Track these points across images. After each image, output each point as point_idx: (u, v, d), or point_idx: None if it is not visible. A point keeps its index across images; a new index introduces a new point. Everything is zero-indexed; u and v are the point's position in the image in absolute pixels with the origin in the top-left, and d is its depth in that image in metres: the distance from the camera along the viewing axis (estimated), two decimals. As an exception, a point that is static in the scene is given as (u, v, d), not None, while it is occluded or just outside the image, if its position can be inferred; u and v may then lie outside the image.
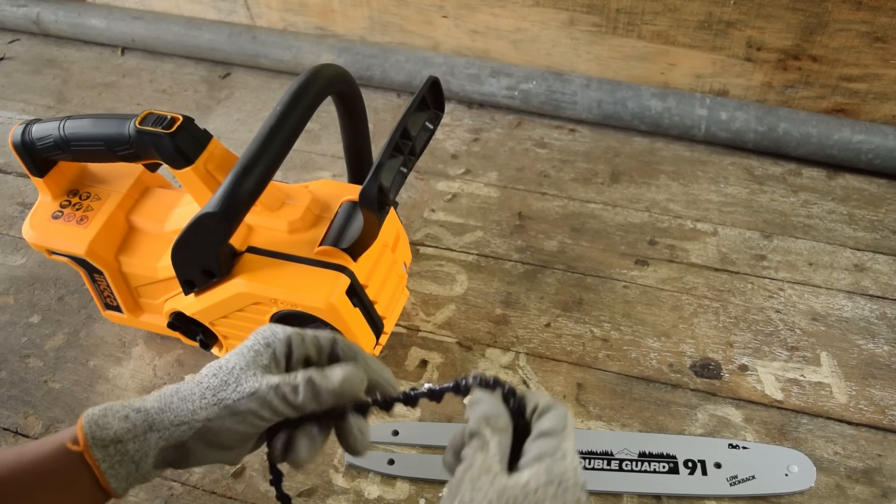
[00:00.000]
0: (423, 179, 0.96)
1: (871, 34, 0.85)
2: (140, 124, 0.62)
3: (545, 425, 0.42)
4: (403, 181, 0.63)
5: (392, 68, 1.06)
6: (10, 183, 1.01)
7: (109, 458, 0.45)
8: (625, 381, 0.73)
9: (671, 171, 0.95)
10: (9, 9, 1.24)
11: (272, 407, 0.45)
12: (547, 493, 0.38)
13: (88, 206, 0.72)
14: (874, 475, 0.65)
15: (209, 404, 0.45)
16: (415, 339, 0.78)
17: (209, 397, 0.46)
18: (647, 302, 0.80)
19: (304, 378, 0.45)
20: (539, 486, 0.38)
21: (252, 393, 0.45)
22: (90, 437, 0.44)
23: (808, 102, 0.94)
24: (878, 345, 0.75)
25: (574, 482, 0.39)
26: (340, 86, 0.64)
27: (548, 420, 0.42)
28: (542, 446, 0.41)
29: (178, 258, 0.64)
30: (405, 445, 0.69)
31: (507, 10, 0.99)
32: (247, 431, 0.46)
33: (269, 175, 0.59)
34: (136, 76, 1.17)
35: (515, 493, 0.38)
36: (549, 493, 0.38)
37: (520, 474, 0.39)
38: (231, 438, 0.46)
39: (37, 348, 0.80)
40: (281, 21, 1.14)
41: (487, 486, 0.39)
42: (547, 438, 0.41)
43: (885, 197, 0.90)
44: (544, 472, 0.39)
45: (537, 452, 0.40)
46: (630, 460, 0.66)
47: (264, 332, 0.49)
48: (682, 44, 0.94)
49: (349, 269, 0.65)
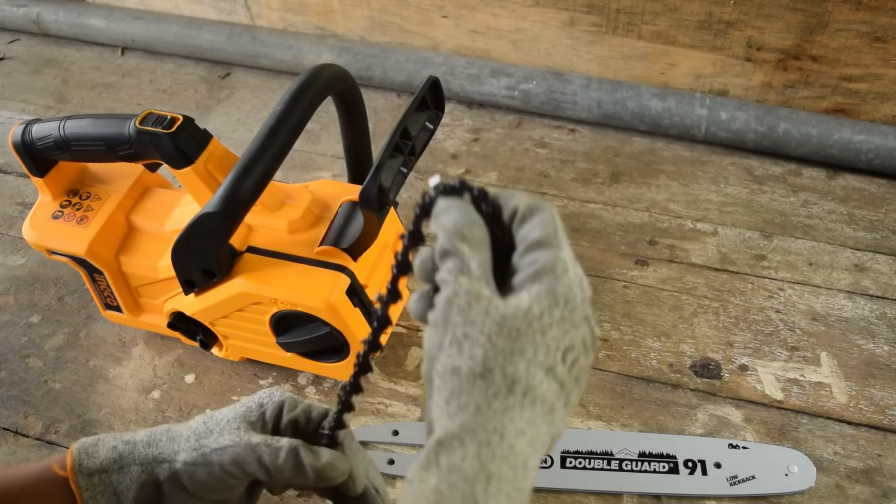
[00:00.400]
0: (423, 179, 0.96)
1: (871, 34, 0.85)
2: (140, 124, 0.62)
3: (534, 234, 0.34)
4: (403, 181, 0.63)
5: (392, 68, 1.06)
6: (10, 183, 1.01)
7: (93, 488, 0.45)
8: (625, 381, 0.73)
9: (671, 171, 0.95)
10: (9, 9, 1.24)
11: (242, 465, 0.45)
12: (553, 317, 0.33)
13: (88, 206, 0.72)
14: (874, 475, 0.65)
15: (190, 448, 0.46)
16: (415, 339, 0.78)
17: (192, 441, 0.46)
18: (647, 302, 0.80)
19: (289, 445, 0.45)
20: (543, 310, 0.33)
21: (228, 446, 0.45)
22: (77, 463, 0.45)
23: (808, 102, 0.94)
24: (878, 345, 0.75)
25: (582, 298, 0.34)
26: (340, 86, 0.64)
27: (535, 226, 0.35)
28: (536, 261, 0.34)
29: (178, 258, 0.64)
30: (405, 445, 0.69)
31: (507, 10, 0.99)
32: (215, 485, 0.45)
33: (269, 175, 0.59)
34: (136, 76, 1.17)
35: (518, 324, 0.32)
36: (556, 316, 0.33)
37: (518, 298, 0.33)
38: (202, 488, 0.46)
39: (37, 348, 0.80)
40: (281, 21, 1.14)
41: (482, 316, 0.32)
42: (539, 251, 0.34)
43: (885, 197, 0.90)
44: (546, 294, 0.33)
45: (533, 270, 0.34)
46: (630, 460, 0.66)
47: (261, 393, 0.49)
48: (682, 44, 0.94)
49: (349, 269, 0.65)
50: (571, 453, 0.67)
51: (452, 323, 0.33)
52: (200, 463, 0.45)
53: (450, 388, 0.32)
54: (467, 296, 0.33)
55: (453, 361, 0.32)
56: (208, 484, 0.45)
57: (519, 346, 0.32)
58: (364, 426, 0.71)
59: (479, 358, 0.32)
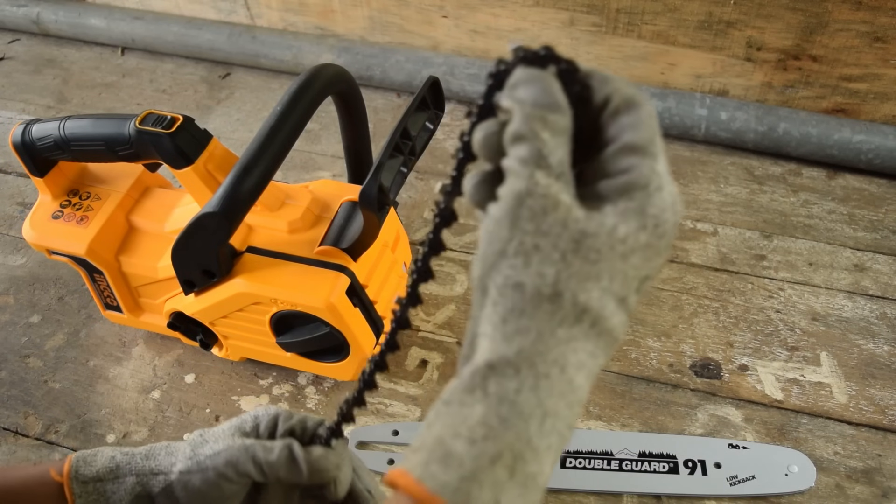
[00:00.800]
0: (423, 179, 0.96)
1: (871, 34, 0.85)
2: (140, 124, 0.62)
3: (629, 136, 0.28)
4: (403, 181, 0.63)
5: (392, 68, 1.06)
6: (10, 183, 1.01)
7: (86, 495, 0.45)
8: (625, 381, 0.73)
9: (671, 170, 0.95)
10: (9, 9, 1.24)
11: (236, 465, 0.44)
12: (638, 242, 0.28)
13: (88, 206, 0.72)
14: (874, 475, 0.65)
15: (186, 458, 0.46)
16: (415, 339, 0.78)
17: (188, 452, 0.46)
18: (647, 302, 0.80)
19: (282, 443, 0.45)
20: (629, 233, 0.28)
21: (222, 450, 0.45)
22: (74, 471, 0.45)
23: (808, 102, 0.94)
24: (878, 345, 0.75)
25: (673, 223, 0.29)
26: (340, 86, 0.64)
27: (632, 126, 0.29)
28: (628, 170, 0.29)
29: (178, 258, 0.64)
30: (405, 445, 0.69)
31: (507, 10, 0.99)
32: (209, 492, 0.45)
33: (269, 175, 0.59)
34: (136, 76, 1.17)
35: (599, 244, 0.28)
36: (642, 241, 0.28)
37: (602, 214, 0.28)
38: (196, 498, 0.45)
39: (37, 348, 0.80)
40: (281, 21, 1.14)
41: (558, 228, 0.28)
42: (633, 157, 0.29)
43: (885, 197, 0.90)
44: (636, 213, 0.28)
45: (623, 182, 0.28)
46: (630, 460, 0.66)
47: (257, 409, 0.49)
48: (682, 44, 0.94)
49: (349, 269, 0.65)
50: (571, 453, 0.67)
51: (521, 228, 0.28)
52: (195, 470, 0.45)
53: (509, 305, 0.28)
54: (543, 198, 0.28)
55: (517, 275, 0.28)
56: (202, 492, 0.45)
57: (595, 270, 0.28)
58: (364, 426, 0.71)
59: (550, 278, 0.28)
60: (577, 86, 0.29)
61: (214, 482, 0.45)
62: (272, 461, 0.44)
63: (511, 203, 0.28)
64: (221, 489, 0.45)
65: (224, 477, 0.45)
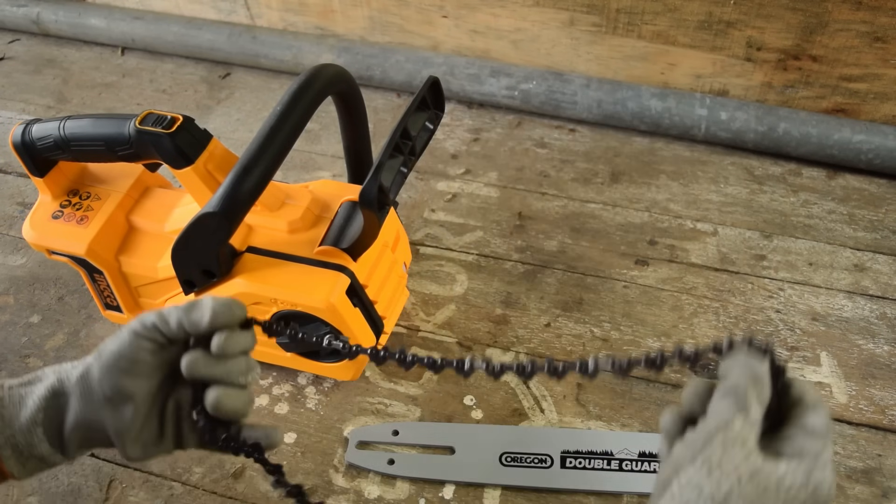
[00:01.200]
0: (423, 179, 0.96)
1: (871, 34, 0.85)
2: (140, 124, 0.62)
3: (813, 422, 0.38)
4: (403, 181, 0.63)
5: (392, 68, 1.06)
6: (10, 183, 1.01)
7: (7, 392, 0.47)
8: (625, 381, 0.73)
9: (671, 171, 0.95)
10: (9, 9, 1.24)
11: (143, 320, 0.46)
12: (799, 497, 0.36)
13: (88, 206, 0.72)
14: (874, 475, 0.65)
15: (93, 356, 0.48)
16: (415, 339, 0.78)
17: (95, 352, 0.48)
18: (647, 302, 0.80)
19: None
20: (794, 486, 0.36)
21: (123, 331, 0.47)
22: None
23: (808, 102, 0.94)
24: (878, 345, 0.75)
25: (827, 496, 0.37)
26: (340, 86, 0.64)
27: (815, 417, 0.39)
28: (805, 443, 0.38)
29: (178, 258, 0.64)
30: (405, 445, 0.69)
31: (507, 10, 0.99)
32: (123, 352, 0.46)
33: (269, 175, 0.59)
34: (136, 76, 1.17)
35: (768, 483, 0.36)
36: (801, 497, 0.36)
37: (776, 464, 0.37)
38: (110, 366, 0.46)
39: (37, 348, 0.80)
40: (281, 21, 1.14)
41: (741, 459, 0.36)
42: (812, 438, 0.38)
43: (885, 197, 0.90)
44: (803, 474, 0.36)
45: (800, 447, 0.38)
46: (630, 460, 0.66)
47: None
48: (682, 44, 0.94)
49: (349, 269, 0.65)
50: (571, 453, 0.67)
51: (714, 448, 0.37)
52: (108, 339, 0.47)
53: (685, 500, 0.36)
54: (736, 433, 0.37)
55: (700, 479, 0.36)
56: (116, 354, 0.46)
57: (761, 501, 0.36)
58: (364, 426, 0.71)
59: (725, 490, 0.36)
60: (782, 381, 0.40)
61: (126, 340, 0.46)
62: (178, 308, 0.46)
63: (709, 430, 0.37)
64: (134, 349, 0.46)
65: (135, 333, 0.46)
